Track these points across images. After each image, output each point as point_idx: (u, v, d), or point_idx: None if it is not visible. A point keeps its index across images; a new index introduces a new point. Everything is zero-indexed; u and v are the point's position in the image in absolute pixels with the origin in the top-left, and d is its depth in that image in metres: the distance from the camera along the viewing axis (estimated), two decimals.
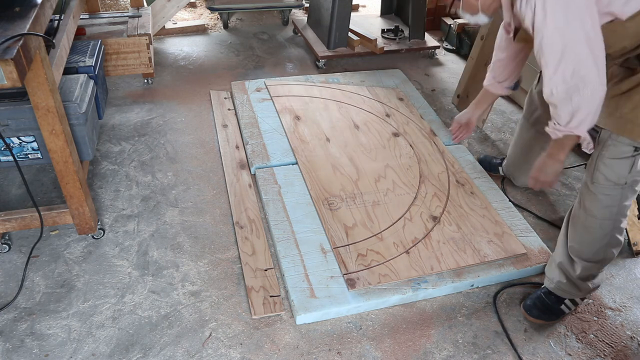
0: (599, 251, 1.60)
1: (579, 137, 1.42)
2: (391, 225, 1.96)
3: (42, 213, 1.75)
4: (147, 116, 2.68)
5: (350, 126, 2.54)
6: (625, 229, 1.95)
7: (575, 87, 1.29)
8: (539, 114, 1.98)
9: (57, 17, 1.88)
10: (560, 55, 1.27)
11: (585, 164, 1.60)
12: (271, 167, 2.26)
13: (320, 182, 2.16)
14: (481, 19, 1.54)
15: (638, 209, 2.00)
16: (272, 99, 2.74)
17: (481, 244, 1.88)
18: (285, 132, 2.47)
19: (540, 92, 1.59)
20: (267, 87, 2.83)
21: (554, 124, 1.42)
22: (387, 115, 2.64)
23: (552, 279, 1.70)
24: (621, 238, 1.61)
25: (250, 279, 1.77)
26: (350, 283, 1.71)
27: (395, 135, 2.50)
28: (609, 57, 1.39)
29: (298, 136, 2.44)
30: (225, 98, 2.83)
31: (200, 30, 3.67)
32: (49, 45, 1.64)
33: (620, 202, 1.52)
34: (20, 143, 1.89)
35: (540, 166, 1.61)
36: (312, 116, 2.60)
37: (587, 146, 1.43)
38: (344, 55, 3.22)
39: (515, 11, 1.39)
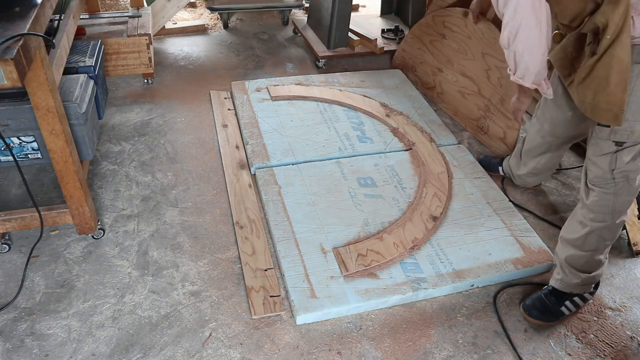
0: (590, 241, 1.62)
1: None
2: (391, 225, 1.96)
3: (42, 213, 1.75)
4: (147, 116, 2.68)
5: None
6: (626, 229, 1.97)
7: (514, 32, 1.41)
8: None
9: (57, 17, 1.88)
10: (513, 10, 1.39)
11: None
12: (271, 167, 2.26)
13: None
14: None
15: (638, 209, 2.00)
16: (272, 99, 2.74)
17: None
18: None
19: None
20: (267, 87, 2.83)
21: (508, 70, 1.57)
22: (387, 116, 2.64)
23: (555, 276, 1.71)
24: (617, 233, 1.64)
25: (250, 279, 1.77)
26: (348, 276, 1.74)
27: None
28: (565, 28, 1.53)
29: None
30: (225, 98, 2.83)
31: (200, 30, 3.67)
32: (49, 45, 1.64)
33: (615, 197, 1.56)
34: (20, 143, 1.89)
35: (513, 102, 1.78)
36: None
37: (545, 92, 1.58)
38: (344, 55, 3.22)
39: None
